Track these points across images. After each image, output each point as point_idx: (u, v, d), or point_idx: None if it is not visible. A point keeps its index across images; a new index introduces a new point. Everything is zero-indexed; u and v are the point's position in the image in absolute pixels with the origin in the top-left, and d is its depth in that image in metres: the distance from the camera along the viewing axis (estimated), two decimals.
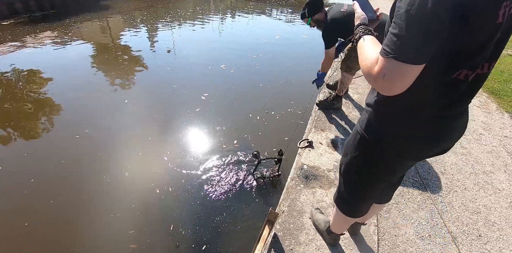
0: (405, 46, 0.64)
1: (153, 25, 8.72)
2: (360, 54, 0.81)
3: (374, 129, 0.92)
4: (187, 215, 2.34)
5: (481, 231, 1.83)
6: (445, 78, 0.73)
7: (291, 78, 5.18)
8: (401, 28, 0.63)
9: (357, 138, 0.98)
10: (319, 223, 1.63)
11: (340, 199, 1.25)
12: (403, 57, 0.64)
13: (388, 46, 0.66)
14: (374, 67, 0.70)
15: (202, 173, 2.79)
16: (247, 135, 3.38)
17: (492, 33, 0.67)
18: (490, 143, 2.83)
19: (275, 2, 15.59)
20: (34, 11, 9.54)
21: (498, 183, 2.27)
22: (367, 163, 1.02)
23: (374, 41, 0.82)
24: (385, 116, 0.88)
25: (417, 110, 0.82)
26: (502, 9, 0.63)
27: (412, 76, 0.67)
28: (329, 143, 2.49)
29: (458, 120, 0.88)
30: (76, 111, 3.80)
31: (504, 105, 3.70)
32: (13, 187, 2.58)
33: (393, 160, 0.96)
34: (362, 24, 0.90)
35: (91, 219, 2.31)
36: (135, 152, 3.07)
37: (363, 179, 1.09)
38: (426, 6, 0.59)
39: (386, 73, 0.67)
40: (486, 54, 0.71)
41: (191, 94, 4.33)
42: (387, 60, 0.66)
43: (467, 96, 0.82)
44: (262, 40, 7.83)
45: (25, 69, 5.02)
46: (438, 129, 0.86)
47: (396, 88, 0.69)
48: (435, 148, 0.93)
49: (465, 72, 0.72)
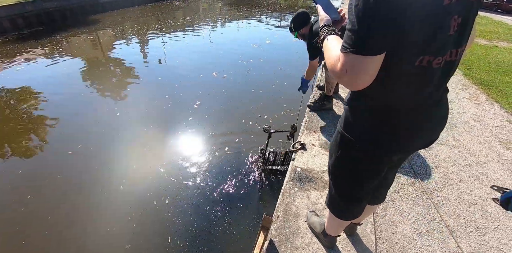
0: (360, 39, 0.65)
1: (144, 37, 8.79)
2: (325, 53, 0.82)
3: (353, 127, 0.92)
4: (184, 226, 2.32)
5: (479, 223, 1.82)
6: (408, 66, 0.73)
7: (283, 82, 5.22)
8: (353, 23, 0.66)
9: (338, 138, 0.98)
10: (314, 226, 1.61)
11: (332, 202, 1.23)
12: (360, 49, 0.66)
13: (345, 41, 0.68)
14: (337, 64, 0.72)
15: (197, 182, 2.78)
16: (240, 140, 3.38)
17: (441, 16, 0.67)
18: (482, 133, 2.84)
19: (264, 8, 15.78)
20: (22, 28, 9.59)
21: (492, 173, 2.28)
22: (351, 161, 1.00)
23: (338, 40, 0.83)
24: (361, 112, 0.89)
25: (390, 102, 0.82)
26: None
27: (374, 67, 0.69)
28: (322, 144, 2.49)
29: (435, 109, 0.87)
30: (68, 127, 3.81)
31: (493, 96, 3.73)
32: (9, 205, 2.57)
33: (377, 156, 0.95)
34: (325, 25, 0.91)
35: (88, 234, 2.30)
36: (130, 164, 3.06)
37: (351, 178, 1.07)
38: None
39: (347, 68, 0.69)
40: (447, 40, 0.71)
41: (184, 103, 4.34)
42: (347, 55, 0.68)
43: (437, 85, 0.81)
44: (253, 46, 7.90)
45: (16, 86, 5.03)
46: (415, 120, 0.85)
47: (360, 81, 0.70)
48: (417, 140, 0.92)
49: (427, 58, 0.72)
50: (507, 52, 6.03)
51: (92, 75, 5.69)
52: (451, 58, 0.76)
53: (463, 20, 0.71)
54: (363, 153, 0.94)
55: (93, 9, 12.48)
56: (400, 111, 0.83)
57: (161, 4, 15.85)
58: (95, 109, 4.27)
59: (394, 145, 0.90)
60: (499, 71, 4.65)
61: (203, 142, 3.39)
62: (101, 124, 3.83)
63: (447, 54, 0.74)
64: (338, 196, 1.17)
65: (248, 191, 2.63)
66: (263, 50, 7.48)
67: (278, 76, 5.51)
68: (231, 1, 18.65)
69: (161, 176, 2.86)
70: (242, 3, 17.34)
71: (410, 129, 0.87)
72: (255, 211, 2.42)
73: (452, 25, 0.69)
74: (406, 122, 0.85)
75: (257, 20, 12.49)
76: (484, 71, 4.59)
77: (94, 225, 2.37)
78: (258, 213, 2.39)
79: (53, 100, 4.54)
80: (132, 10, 13.67)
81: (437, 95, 0.85)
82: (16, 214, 2.45)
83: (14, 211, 2.48)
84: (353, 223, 1.56)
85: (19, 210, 2.48)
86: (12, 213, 2.47)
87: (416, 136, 0.90)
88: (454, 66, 0.80)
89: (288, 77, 5.45)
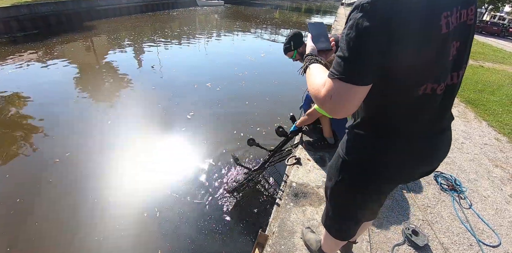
0: (348, 67, 0.65)
1: (140, 45, 8.81)
2: (308, 81, 0.82)
3: (355, 153, 0.90)
4: (176, 240, 2.24)
5: (471, 240, 1.83)
6: (411, 94, 0.73)
7: (277, 95, 5.26)
8: (343, 51, 0.66)
9: (339, 162, 0.95)
10: (310, 243, 1.58)
11: (329, 223, 1.19)
12: (347, 78, 0.65)
13: (334, 68, 0.68)
14: (321, 89, 0.71)
15: (189, 195, 2.72)
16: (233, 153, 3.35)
17: (440, 44, 0.67)
18: (472, 151, 2.91)
19: (260, 22, 16.16)
20: (16, 31, 9.50)
21: (483, 191, 2.32)
22: (352, 187, 0.98)
23: (321, 68, 0.83)
24: (364, 138, 0.87)
25: (394, 130, 0.81)
26: (444, 19, 0.65)
27: (359, 97, 0.68)
28: (317, 159, 2.49)
29: (440, 137, 0.86)
30: (57, 133, 3.70)
31: (481, 114, 3.86)
32: None
33: (378, 183, 0.93)
34: (309, 55, 0.92)
35: (74, 244, 2.21)
36: (120, 174, 2.98)
37: (351, 203, 1.04)
38: (361, 29, 0.62)
39: (333, 94, 0.68)
40: (447, 65, 0.72)
41: (177, 114, 4.31)
42: (334, 81, 0.67)
43: (442, 110, 0.81)
44: (248, 58, 8.01)
45: (6, 90, 4.90)
46: (419, 148, 0.83)
47: (343, 109, 0.69)
48: (421, 168, 0.90)
49: (430, 86, 0.72)
50: (493, 72, 6.32)
51: (84, 82, 5.62)
52: (452, 81, 0.76)
53: (461, 44, 0.72)
54: (365, 179, 0.92)
55: (89, 15, 12.52)
56: (405, 139, 0.82)
57: (158, 13, 16.07)
58: (86, 116, 4.19)
59: (398, 175, 0.89)
60: (486, 90, 4.85)
61: (195, 154, 3.35)
62: (91, 132, 3.74)
63: (448, 78, 0.75)
64: (335, 218, 1.14)
65: (243, 205, 2.58)
66: (258, 63, 7.59)
67: (272, 90, 5.56)
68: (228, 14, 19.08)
69: (152, 188, 2.78)
70: (239, 17, 17.76)
71: (414, 158, 0.85)
72: (250, 227, 2.37)
73: (451, 51, 0.71)
74: (411, 152, 0.83)
75: (252, 34, 12.75)
76: (472, 90, 4.76)
77: (81, 234, 2.28)
78: (253, 229, 2.33)
79: (42, 105, 4.43)
80: (129, 18, 13.78)
81: (442, 122, 0.85)
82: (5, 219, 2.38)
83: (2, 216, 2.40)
84: (349, 242, 1.54)
85: (7, 215, 2.41)
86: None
87: (421, 164, 0.88)
88: (456, 89, 0.80)
89: (283, 91, 5.51)
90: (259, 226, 2.29)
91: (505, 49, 10.69)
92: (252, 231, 2.31)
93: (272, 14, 21.03)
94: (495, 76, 6.03)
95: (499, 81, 5.63)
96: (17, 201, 2.53)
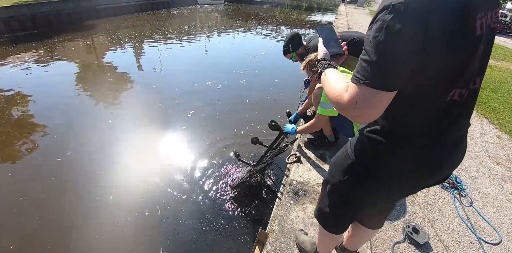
0: (376, 72, 0.62)
1: (140, 44, 8.81)
2: (325, 86, 0.79)
3: (366, 158, 0.87)
4: (177, 238, 2.26)
5: (472, 238, 1.83)
6: (440, 101, 0.70)
7: (278, 93, 5.26)
8: (371, 54, 0.62)
9: (347, 163, 0.92)
10: (305, 245, 1.54)
11: (322, 214, 1.16)
12: (375, 83, 0.62)
13: (359, 72, 0.65)
14: (344, 95, 0.68)
15: (190, 193, 2.73)
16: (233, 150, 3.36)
17: (474, 46, 0.65)
18: (473, 149, 2.91)
19: (261, 20, 16.12)
20: (17, 31, 9.50)
21: (484, 188, 2.31)
22: (357, 190, 0.95)
23: (337, 73, 0.81)
24: (378, 145, 0.82)
25: (412, 139, 0.77)
26: (479, 21, 0.62)
27: (385, 103, 0.65)
28: (317, 157, 2.49)
29: (457, 146, 0.82)
30: (58, 132, 3.71)
31: (482, 112, 3.85)
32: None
33: (386, 191, 0.90)
34: (322, 60, 0.89)
35: (75, 241, 2.23)
36: (121, 172, 2.99)
37: (351, 203, 1.02)
38: (392, 31, 0.58)
39: (358, 100, 0.64)
40: (474, 69, 0.69)
41: (177, 112, 4.32)
42: (359, 87, 0.64)
43: (463, 117, 0.77)
44: (248, 57, 8.00)
45: (7, 89, 4.92)
46: (436, 160, 0.80)
47: (368, 115, 0.67)
48: (434, 178, 0.86)
49: (458, 91, 0.69)
50: (494, 70, 6.28)
51: (85, 80, 5.63)
52: (475, 86, 0.73)
53: (485, 48, 0.69)
54: (373, 187, 0.89)
55: (89, 15, 12.50)
56: (423, 149, 0.77)
57: (159, 12, 16.04)
58: (87, 115, 4.20)
59: (410, 184, 0.86)
60: (488, 87, 4.82)
61: (195, 152, 3.35)
62: (92, 131, 3.75)
63: (472, 83, 0.72)
64: (330, 212, 1.10)
65: (243, 203, 2.58)
66: (259, 61, 7.58)
67: (273, 88, 5.56)
68: (228, 13, 19.03)
69: (153, 186, 2.79)
70: (239, 15, 17.71)
71: (430, 169, 0.81)
72: (250, 225, 2.38)
73: (479, 55, 0.68)
74: (426, 162, 0.80)
75: (253, 32, 12.72)
76: None
77: (82, 232, 2.30)
78: (253, 227, 2.34)
79: (43, 104, 4.45)
80: (129, 17, 13.77)
81: (462, 130, 0.81)
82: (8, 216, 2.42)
83: (5, 213, 2.44)
84: (349, 251, 1.49)
85: (10, 213, 2.44)
86: (2, 215, 2.43)
87: (436, 175, 0.85)
88: (477, 94, 0.77)
89: (283, 89, 5.50)
90: (259, 224, 2.30)
91: (507, 47, 10.62)
92: (253, 229, 2.31)
93: (272, 12, 20.96)
94: (497, 74, 6.00)
95: (500, 79, 5.60)
96: (20, 199, 2.56)
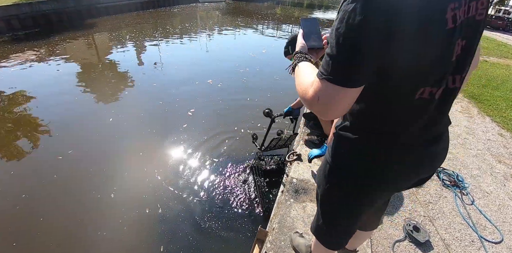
0: (337, 67, 0.58)
1: (141, 42, 8.79)
2: (296, 81, 0.75)
3: (342, 158, 0.83)
4: (177, 236, 2.26)
5: (473, 237, 1.82)
6: (407, 99, 0.66)
7: (278, 91, 5.24)
8: (332, 48, 0.58)
9: (327, 169, 0.88)
10: (300, 248, 1.52)
11: (319, 230, 1.11)
12: (336, 79, 0.58)
13: (322, 66, 0.61)
14: (309, 90, 0.64)
15: (191, 191, 2.73)
16: (233, 148, 3.36)
17: (444, 41, 0.59)
18: (475, 147, 2.89)
19: (262, 17, 16.05)
20: (17, 30, 9.50)
21: (486, 186, 2.30)
22: (341, 195, 0.91)
23: (310, 66, 0.76)
24: (351, 143, 0.79)
25: (385, 137, 0.74)
26: (450, 12, 0.55)
27: (348, 100, 0.62)
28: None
29: (436, 144, 0.79)
30: (59, 131, 3.72)
31: (484, 109, 3.82)
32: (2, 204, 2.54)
33: (368, 192, 0.86)
34: (298, 52, 0.85)
35: (77, 239, 2.25)
36: (122, 171, 2.99)
37: (341, 211, 0.97)
38: (353, 23, 0.53)
39: (320, 96, 0.61)
40: (448, 66, 0.64)
41: (178, 110, 4.31)
42: (321, 82, 0.61)
43: (439, 115, 0.73)
44: (249, 55, 7.97)
45: (8, 88, 4.92)
46: (413, 157, 0.77)
47: (331, 112, 0.63)
48: (414, 178, 0.84)
49: (428, 90, 0.64)
50: (497, 67, 6.24)
51: (86, 79, 5.63)
52: (454, 85, 0.68)
53: (468, 43, 0.63)
54: (354, 189, 0.86)
55: (90, 13, 12.48)
56: (397, 147, 0.75)
57: (159, 10, 16.00)
58: (88, 113, 4.20)
59: (390, 184, 0.83)
60: (490, 85, 4.79)
61: (196, 150, 3.35)
62: (93, 129, 3.75)
63: (450, 81, 0.67)
64: (326, 226, 1.05)
65: (243, 201, 2.59)
66: (260, 59, 7.55)
67: (273, 86, 5.53)
68: (229, 10, 18.96)
69: (154, 184, 2.80)
70: (240, 13, 17.64)
71: (406, 165, 0.78)
72: (250, 223, 2.37)
73: (455, 50, 0.62)
74: (403, 159, 0.76)
75: (254, 30, 12.67)
76: (475, 85, 4.71)
77: (85, 228, 2.31)
78: (253, 225, 2.34)
79: (45, 103, 4.45)
80: (130, 15, 13.74)
81: (438, 128, 0.78)
82: (10, 214, 2.44)
83: (7, 211, 2.46)
84: (348, 250, 1.47)
85: (13, 210, 2.45)
86: (5, 212, 2.45)
87: (415, 175, 0.82)
88: (455, 93, 0.71)
89: (284, 87, 5.48)
90: (259, 222, 2.30)
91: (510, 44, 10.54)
92: (252, 227, 2.31)
93: (273, 10, 20.87)
94: (499, 71, 5.96)
95: (503, 76, 5.55)
96: (22, 196, 2.57)
